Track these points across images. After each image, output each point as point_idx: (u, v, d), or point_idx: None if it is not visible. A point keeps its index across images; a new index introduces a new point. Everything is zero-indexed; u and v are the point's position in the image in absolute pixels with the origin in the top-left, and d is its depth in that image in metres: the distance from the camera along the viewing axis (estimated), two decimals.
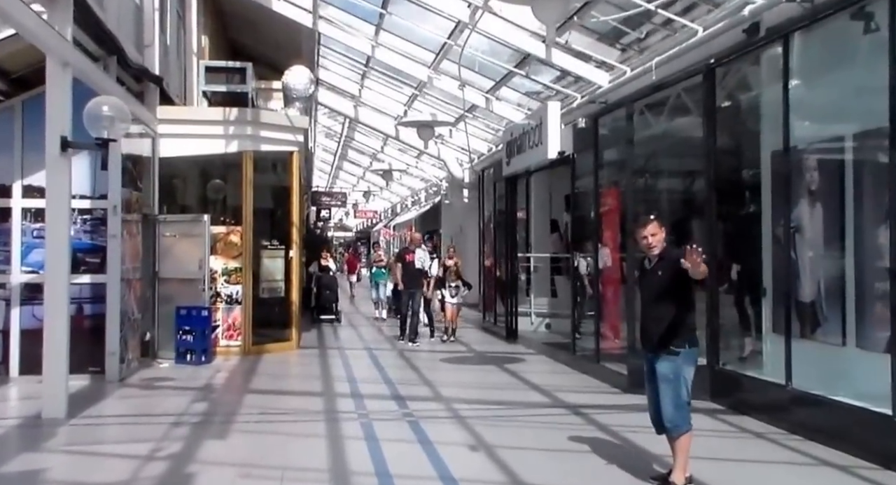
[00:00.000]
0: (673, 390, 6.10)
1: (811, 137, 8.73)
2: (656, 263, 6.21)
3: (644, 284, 6.36)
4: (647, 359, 6.31)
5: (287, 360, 13.84)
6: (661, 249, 6.20)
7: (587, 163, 12.19)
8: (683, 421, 6.13)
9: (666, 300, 6.12)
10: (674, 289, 6.08)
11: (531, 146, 14.00)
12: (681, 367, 6.11)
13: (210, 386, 11.00)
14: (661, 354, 6.13)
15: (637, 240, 6.27)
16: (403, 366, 13.15)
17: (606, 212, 11.14)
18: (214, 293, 13.84)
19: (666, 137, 11.95)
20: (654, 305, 6.21)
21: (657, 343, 6.15)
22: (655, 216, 6.24)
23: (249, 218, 14.00)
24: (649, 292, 6.27)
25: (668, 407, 6.11)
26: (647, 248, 6.20)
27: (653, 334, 6.20)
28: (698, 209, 10.52)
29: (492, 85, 18.55)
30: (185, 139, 13.77)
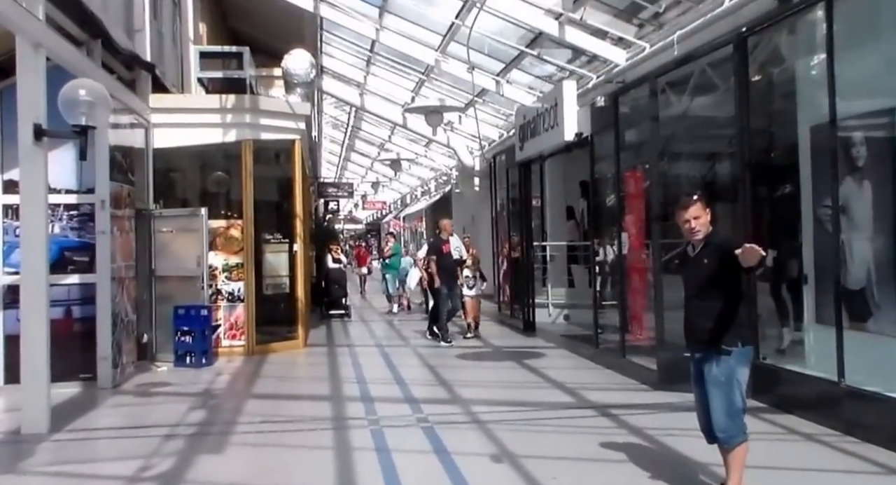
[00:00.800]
0: (725, 396, 5.31)
1: (857, 109, 7.89)
2: (701, 250, 5.41)
3: (687, 273, 5.55)
4: (694, 359, 5.52)
5: (293, 360, 13.09)
6: (706, 234, 5.40)
7: (607, 144, 11.37)
8: (738, 430, 5.34)
9: (714, 291, 5.33)
10: (722, 278, 5.29)
11: (546, 129, 13.18)
12: (734, 368, 5.32)
13: (209, 391, 10.26)
14: (710, 354, 5.33)
15: (678, 224, 5.46)
16: (417, 364, 12.38)
17: (629, 196, 10.32)
18: (215, 291, 13.13)
19: (691, 115, 11.13)
20: (699, 297, 5.41)
21: (705, 341, 5.35)
22: (699, 196, 5.42)
23: (250, 211, 13.25)
24: (694, 283, 5.46)
25: (720, 415, 5.32)
26: (690, 232, 5.39)
27: (700, 331, 5.41)
28: (730, 191, 9.70)
29: (502, 68, 17.72)
30: (181, 129, 13.03)
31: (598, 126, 11.65)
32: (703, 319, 5.35)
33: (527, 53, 16.01)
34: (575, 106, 12.34)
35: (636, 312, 10.42)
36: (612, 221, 11.64)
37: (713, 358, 5.32)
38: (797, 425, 7.71)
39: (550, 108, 12.94)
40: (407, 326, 17.80)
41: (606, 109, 11.12)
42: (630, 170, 10.45)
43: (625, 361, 10.65)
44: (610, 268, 11.76)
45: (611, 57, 13.61)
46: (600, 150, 11.72)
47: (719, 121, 10.72)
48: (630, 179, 10.28)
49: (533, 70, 17.93)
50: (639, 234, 10.05)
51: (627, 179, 10.35)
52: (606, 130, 11.22)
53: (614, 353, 11.16)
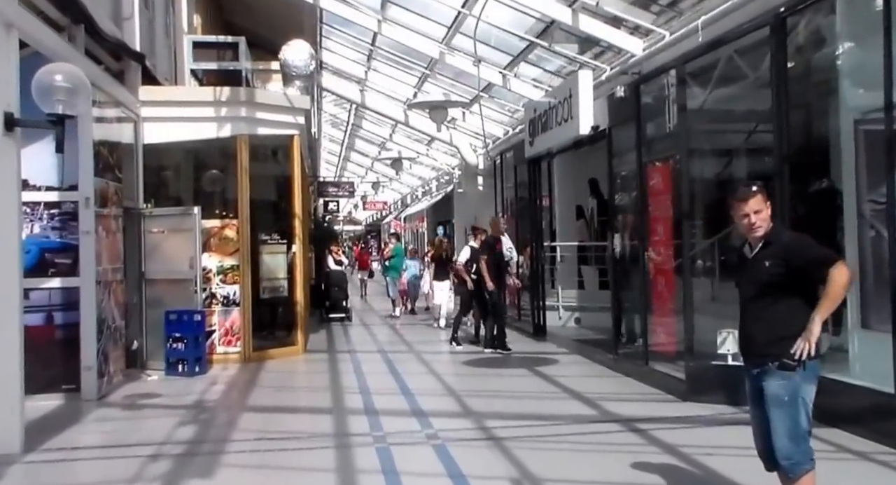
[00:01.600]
0: (789, 417, 4.56)
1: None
2: (761, 250, 4.66)
3: (745, 277, 4.78)
4: (751, 375, 4.77)
5: (292, 367, 12.36)
6: (767, 231, 4.66)
7: (626, 138, 10.65)
8: (804, 457, 4.60)
9: (777, 297, 4.58)
10: (786, 283, 4.56)
11: (559, 122, 12.48)
12: (799, 386, 4.57)
13: (201, 403, 9.52)
14: (771, 370, 4.59)
15: (735, 218, 4.71)
16: (423, 372, 11.65)
17: (653, 192, 9.58)
18: (209, 295, 12.40)
19: (717, 107, 10.40)
20: (759, 303, 4.66)
21: (765, 354, 4.61)
22: (759, 188, 4.68)
23: (246, 210, 12.52)
24: (752, 288, 4.70)
25: (784, 439, 4.57)
26: (750, 229, 4.64)
27: (759, 343, 4.66)
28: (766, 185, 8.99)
29: (509, 61, 16.99)
30: (173, 123, 12.29)
31: (616, 118, 10.93)
32: (763, 329, 4.61)
33: (536, 44, 15.26)
34: (591, 97, 11.64)
35: (661, 317, 9.67)
36: (632, 219, 10.92)
37: (774, 374, 4.57)
38: (846, 441, 6.99)
39: (564, 100, 12.23)
40: (410, 330, 17.09)
41: (626, 100, 10.38)
42: (654, 164, 9.71)
43: (647, 369, 9.92)
44: (630, 269, 11.02)
45: (627, 46, 12.87)
46: (619, 143, 10.99)
47: (752, 108, 10.02)
48: (655, 173, 9.55)
49: (541, 63, 17.20)
50: (665, 232, 9.31)
51: (652, 174, 9.62)
52: (626, 123, 10.49)
53: (635, 360, 10.44)
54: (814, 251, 4.60)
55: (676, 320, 9.39)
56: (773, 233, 4.64)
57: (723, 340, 8.91)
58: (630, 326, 11.17)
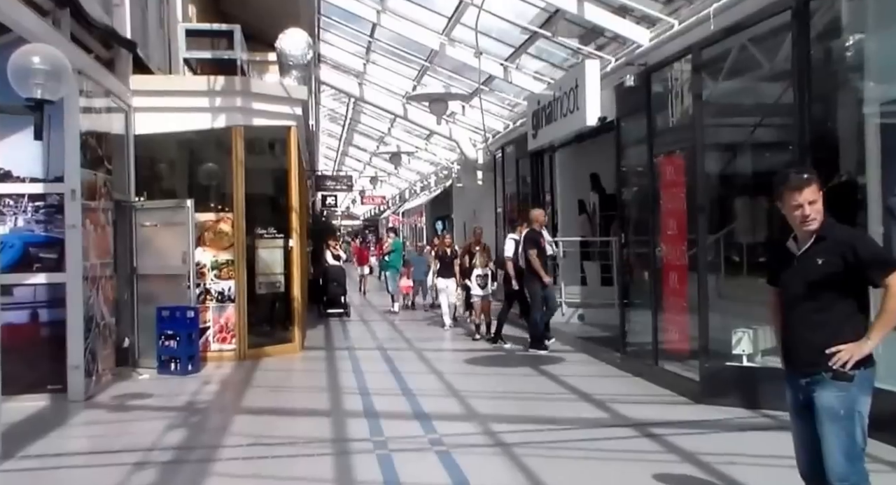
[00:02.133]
0: (845, 433, 4.00)
1: None
2: (813, 246, 4.08)
3: (791, 275, 4.20)
4: (796, 385, 4.20)
5: (289, 365, 11.79)
6: (821, 225, 4.09)
7: (636, 128, 10.09)
8: (860, 477, 4.03)
9: (830, 299, 4.02)
10: (842, 283, 3.99)
11: (564, 114, 11.92)
12: (855, 398, 4.01)
13: (193, 405, 8.95)
14: (824, 380, 4.03)
15: (785, 210, 4.13)
16: (424, 371, 11.09)
17: (666, 184, 9.02)
18: (203, 291, 11.83)
19: (730, 97, 9.85)
20: (809, 305, 4.08)
21: (817, 363, 4.05)
22: (813, 175, 4.11)
23: (241, 203, 11.94)
24: (801, 288, 4.10)
25: (838, 457, 4.00)
26: (803, 221, 4.06)
27: (809, 350, 4.09)
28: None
29: (511, 52, 16.42)
30: (165, 114, 11.72)
31: (625, 109, 10.38)
32: (815, 334, 4.04)
33: (538, 36, 14.68)
34: (598, 87, 11.08)
35: (672, 315, 9.11)
36: (642, 213, 10.35)
37: (828, 385, 4.01)
38: (881, 451, 6.44)
39: (570, 90, 11.66)
40: (409, 326, 16.52)
41: (636, 90, 9.82)
42: (667, 155, 9.15)
43: (657, 369, 9.38)
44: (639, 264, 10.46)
45: (633, 37, 12.31)
46: (628, 135, 10.44)
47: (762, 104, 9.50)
48: (667, 165, 8.98)
49: (542, 55, 16.64)
50: (678, 226, 8.75)
51: (664, 166, 9.05)
52: (636, 113, 9.93)
53: (643, 359, 9.89)
54: (874, 249, 4.06)
55: (688, 319, 8.84)
56: (826, 227, 4.07)
57: (738, 340, 8.39)
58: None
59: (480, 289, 13.58)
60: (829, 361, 3.96)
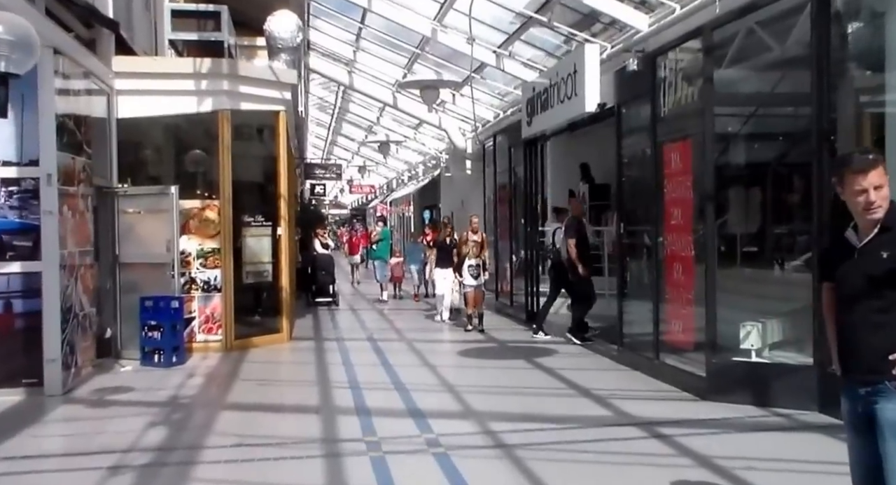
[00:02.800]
0: None
1: None
2: (877, 236, 3.45)
3: (850, 271, 3.54)
4: (854, 395, 3.55)
5: (276, 357, 11.19)
6: (886, 213, 3.48)
7: (639, 115, 9.52)
8: None
9: (895, 298, 3.44)
10: None
11: (561, 100, 11.31)
12: None
13: (176, 399, 8.34)
14: (885, 390, 3.44)
15: (847, 195, 3.49)
16: (415, 363, 10.50)
17: (671, 173, 8.44)
18: (188, 280, 11.21)
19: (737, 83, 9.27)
20: (872, 305, 3.44)
21: (881, 371, 3.44)
22: (878, 157, 3.49)
23: (228, 190, 11.31)
24: (862, 284, 3.46)
25: None
26: (867, 208, 3.42)
27: (869, 354, 3.47)
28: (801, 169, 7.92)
29: (504, 39, 15.78)
30: (149, 97, 11.08)
31: (627, 94, 9.78)
32: (878, 337, 3.44)
33: (533, 21, 14.03)
34: (598, 72, 10.49)
35: (675, 307, 8.55)
36: (643, 202, 9.79)
37: (891, 396, 3.42)
38: None
39: (567, 76, 11.05)
40: (399, 316, 15.94)
41: (640, 74, 9.23)
42: (672, 142, 8.56)
43: (658, 363, 8.83)
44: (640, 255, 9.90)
45: (631, 22, 11.69)
46: (630, 122, 9.86)
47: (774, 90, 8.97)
48: (672, 152, 8.40)
49: (536, 43, 16.00)
50: (683, 215, 8.18)
51: (669, 153, 8.47)
52: (639, 98, 9.34)
53: (642, 352, 9.35)
54: None
55: (692, 311, 8.28)
56: (892, 216, 3.46)
57: (746, 333, 7.85)
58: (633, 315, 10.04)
59: (473, 279, 12.97)
60: (894, 368, 3.38)
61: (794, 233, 9.56)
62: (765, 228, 10.72)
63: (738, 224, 10.82)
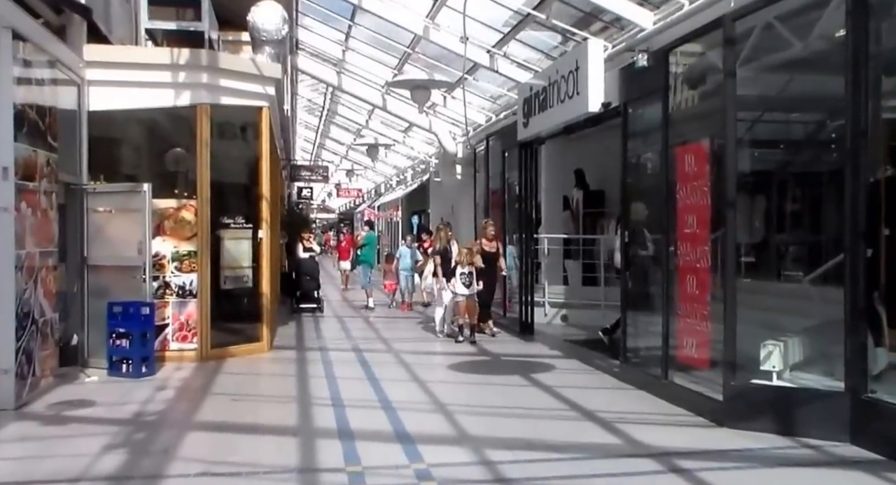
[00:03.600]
0: None
1: None
2: None
3: None
4: None
5: (255, 368, 10.31)
6: None
7: (648, 115, 8.73)
8: None
9: None
10: None
11: (562, 100, 10.51)
12: None
13: (141, 417, 7.47)
14: None
15: None
16: (403, 378, 9.64)
17: (685, 177, 7.64)
18: (162, 284, 10.35)
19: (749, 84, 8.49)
20: None
21: None
22: None
23: (206, 189, 10.46)
24: None
25: None
26: None
27: None
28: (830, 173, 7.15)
29: (499, 39, 14.98)
30: (124, 88, 10.25)
31: (634, 92, 8.99)
32: None
33: (529, 19, 13.24)
34: (601, 69, 9.71)
35: (687, 322, 7.74)
36: (652, 209, 9.01)
37: None
38: None
39: (568, 74, 10.26)
40: (386, 324, 15.09)
41: (651, 70, 8.44)
42: (687, 144, 7.77)
43: (667, 383, 8.02)
44: (646, 265, 9.10)
45: (635, 19, 10.90)
46: (638, 122, 9.07)
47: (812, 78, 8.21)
48: (688, 155, 7.59)
49: (532, 42, 15.22)
50: (699, 223, 7.38)
51: (682, 156, 7.67)
52: (649, 96, 8.55)
53: (647, 369, 8.55)
54: None
55: (707, 326, 7.48)
56: None
57: (767, 353, 7.06)
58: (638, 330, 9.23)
59: (465, 288, 12.11)
60: None
61: (819, 243, 8.79)
62: (786, 237, 9.94)
63: (755, 233, 10.03)
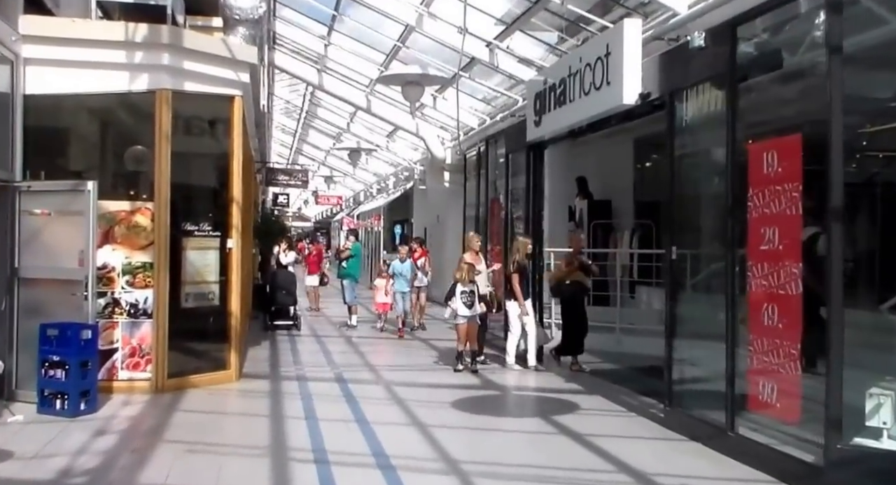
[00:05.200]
0: None
1: None
2: None
3: None
4: None
5: (220, 404, 8.56)
6: None
7: (702, 106, 7.13)
8: None
9: None
10: None
11: (587, 91, 8.88)
12: None
13: (67, 476, 5.70)
14: None
15: None
16: (401, 420, 7.88)
17: (764, 180, 6.01)
18: (111, 301, 8.60)
19: None
20: None
21: None
22: None
23: (166, 190, 8.73)
24: None
25: None
26: None
27: None
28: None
29: (502, 30, 13.40)
30: (69, 69, 8.60)
31: (683, 79, 7.36)
32: None
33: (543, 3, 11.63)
34: (639, 54, 8.09)
35: (763, 362, 6.10)
36: (710, 220, 7.38)
37: None
38: None
39: (595, 61, 8.63)
40: (372, 345, 13.34)
41: (709, 52, 6.81)
42: (768, 139, 6.15)
43: (734, 436, 6.37)
44: (707, 287, 7.46)
45: (668, 2, 9.35)
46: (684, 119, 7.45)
47: None
48: (768, 153, 5.95)
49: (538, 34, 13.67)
50: (785, 239, 5.76)
51: (761, 154, 6.03)
52: (703, 84, 6.95)
53: (702, 417, 6.91)
54: None
55: (792, 368, 5.85)
56: None
57: (875, 405, 5.45)
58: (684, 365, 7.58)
59: (467, 308, 10.39)
60: None
61: None
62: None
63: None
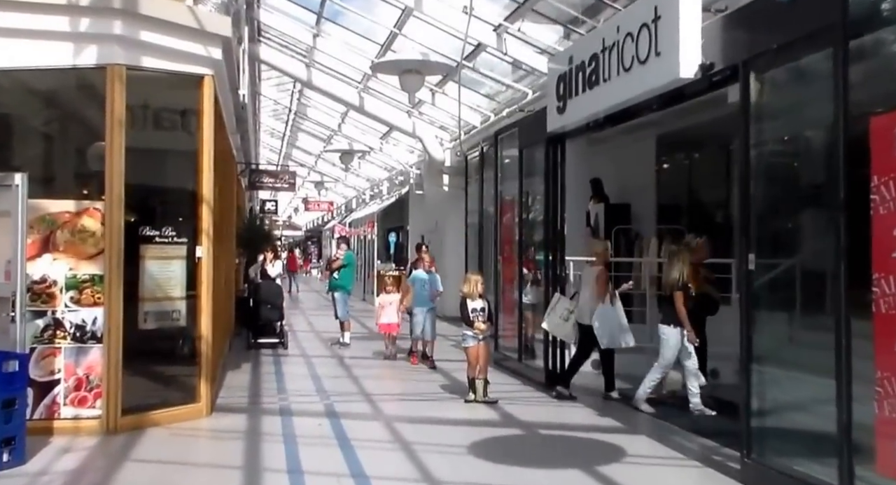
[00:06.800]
0: None
1: None
2: None
3: None
4: None
5: (184, 451, 6.92)
6: None
7: (794, 76, 5.59)
8: None
9: None
10: None
11: (627, 67, 7.33)
12: None
13: None
14: None
15: None
16: (407, 471, 6.24)
17: (884, 167, 4.47)
18: (51, 322, 7.00)
19: None
20: None
21: None
22: None
23: (119, 186, 7.14)
24: None
25: None
26: None
27: None
28: None
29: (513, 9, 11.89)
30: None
31: (765, 43, 5.79)
32: None
33: None
34: (699, 17, 6.55)
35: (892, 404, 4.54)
36: (809, 222, 5.81)
37: None
38: None
39: (639, 28, 7.08)
40: (366, 367, 11.69)
41: (804, 4, 5.26)
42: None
43: None
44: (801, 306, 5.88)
45: None
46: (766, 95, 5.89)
47: None
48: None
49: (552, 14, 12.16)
50: None
51: (887, 130, 4.49)
52: (794, 47, 5.39)
53: (800, 474, 5.32)
54: None
55: None
56: None
57: None
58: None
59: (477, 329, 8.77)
60: None
61: None
62: None
63: None
